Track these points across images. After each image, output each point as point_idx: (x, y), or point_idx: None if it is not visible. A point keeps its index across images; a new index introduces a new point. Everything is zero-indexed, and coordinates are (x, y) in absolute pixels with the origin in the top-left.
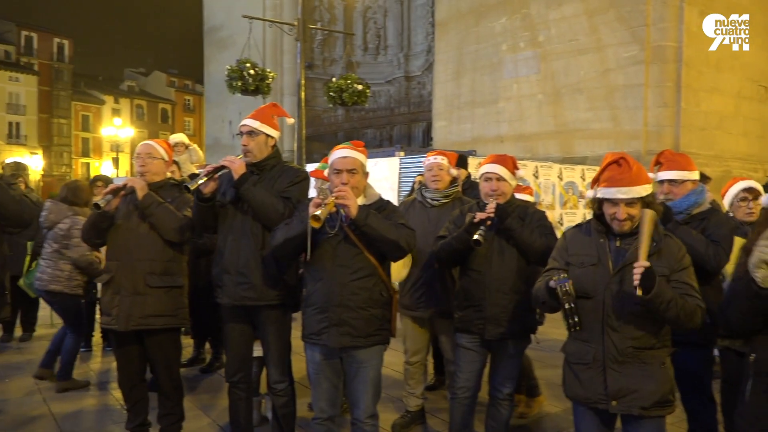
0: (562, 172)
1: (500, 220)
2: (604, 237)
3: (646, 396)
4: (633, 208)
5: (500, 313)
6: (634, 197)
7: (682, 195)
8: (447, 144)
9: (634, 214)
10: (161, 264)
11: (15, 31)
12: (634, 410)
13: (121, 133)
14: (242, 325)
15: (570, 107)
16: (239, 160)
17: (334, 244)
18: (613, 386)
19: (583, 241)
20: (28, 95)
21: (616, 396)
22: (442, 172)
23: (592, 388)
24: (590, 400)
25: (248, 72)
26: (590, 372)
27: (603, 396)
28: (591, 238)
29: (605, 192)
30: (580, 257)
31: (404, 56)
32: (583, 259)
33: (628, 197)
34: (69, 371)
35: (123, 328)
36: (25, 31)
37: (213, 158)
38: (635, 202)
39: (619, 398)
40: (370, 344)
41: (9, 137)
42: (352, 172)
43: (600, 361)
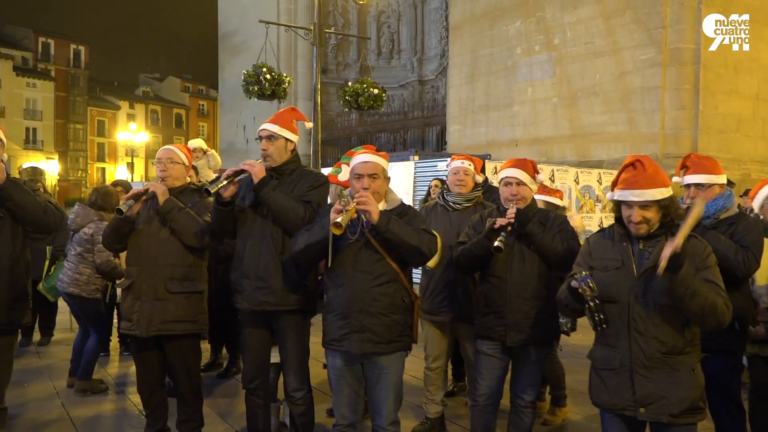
0: (579, 175)
1: (521, 226)
2: (627, 240)
3: (676, 403)
4: (648, 211)
5: (522, 320)
6: (648, 200)
7: (710, 199)
8: (461, 148)
9: (650, 217)
10: (182, 269)
11: (32, 37)
12: (663, 417)
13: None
14: (261, 330)
15: (586, 110)
16: (259, 164)
17: (355, 250)
18: (641, 392)
19: (606, 246)
20: (45, 101)
21: (644, 402)
22: (467, 177)
23: (619, 394)
24: (617, 407)
25: (265, 76)
26: (617, 378)
27: (631, 403)
28: (614, 242)
29: (620, 194)
30: (603, 261)
31: (418, 60)
32: (607, 263)
33: (642, 200)
34: (89, 372)
35: (144, 333)
36: (42, 38)
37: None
38: (650, 205)
39: (647, 405)
40: (391, 350)
41: (26, 142)
42: (374, 176)
43: (627, 367)
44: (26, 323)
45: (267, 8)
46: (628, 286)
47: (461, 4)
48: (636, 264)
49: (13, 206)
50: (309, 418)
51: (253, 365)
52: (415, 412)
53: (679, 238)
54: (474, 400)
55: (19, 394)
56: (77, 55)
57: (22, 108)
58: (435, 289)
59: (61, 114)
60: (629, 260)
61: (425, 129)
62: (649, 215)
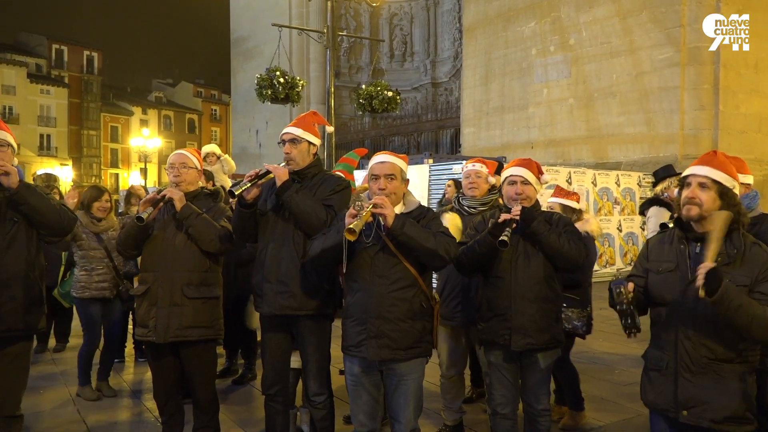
0: (596, 177)
1: (526, 224)
2: (685, 243)
3: (718, 409)
4: (704, 192)
5: (527, 323)
6: (708, 176)
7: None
8: (476, 150)
9: (705, 199)
10: (198, 275)
11: (46, 44)
12: (704, 422)
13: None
14: (281, 335)
15: (603, 111)
16: (282, 167)
17: (371, 254)
18: (683, 395)
19: (663, 248)
20: (59, 107)
21: (685, 405)
22: (479, 179)
23: (663, 395)
24: (660, 407)
25: (278, 80)
26: (663, 379)
27: (672, 404)
28: (672, 245)
29: (684, 174)
30: (658, 263)
31: (431, 62)
32: (662, 265)
33: (701, 174)
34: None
35: (161, 339)
36: (55, 45)
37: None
38: (708, 185)
39: (689, 408)
40: (410, 357)
41: (40, 149)
42: (391, 177)
43: (672, 369)
44: (41, 329)
45: (279, 12)
46: (680, 289)
47: (474, 5)
48: (691, 267)
49: (28, 210)
50: (329, 422)
51: (274, 370)
52: (435, 419)
53: (709, 255)
54: (492, 410)
55: (35, 400)
56: (90, 61)
57: (36, 114)
58: (450, 294)
59: (75, 120)
60: (684, 263)
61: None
62: (705, 197)
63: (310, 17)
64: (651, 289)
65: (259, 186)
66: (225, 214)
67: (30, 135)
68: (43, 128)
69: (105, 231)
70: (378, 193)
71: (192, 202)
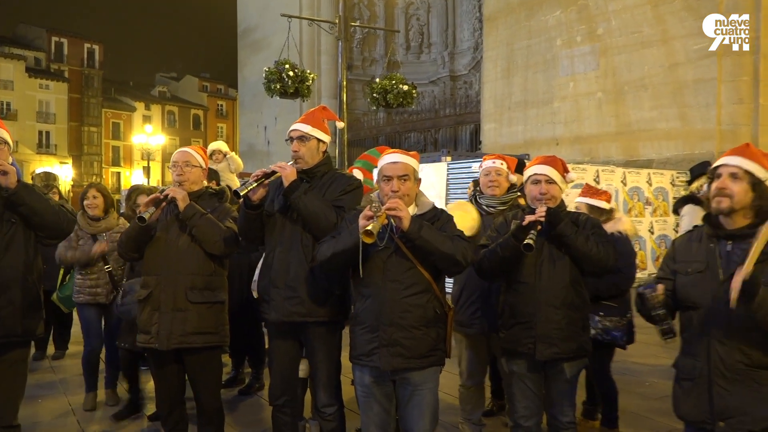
0: (626, 176)
1: (551, 226)
2: (715, 241)
3: (758, 419)
4: (736, 183)
5: (552, 330)
6: (741, 167)
7: None
8: (497, 147)
9: (736, 191)
10: (203, 278)
11: (45, 37)
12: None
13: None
14: (289, 343)
15: (633, 106)
16: (290, 166)
17: (384, 258)
18: (719, 405)
19: (691, 248)
20: (59, 103)
21: (722, 416)
22: (500, 177)
23: (697, 406)
24: (694, 420)
25: (287, 74)
26: (696, 389)
27: (708, 416)
28: (701, 243)
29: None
30: (687, 264)
31: (449, 54)
32: (691, 266)
33: (733, 164)
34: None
35: (164, 346)
36: (55, 37)
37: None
38: (739, 176)
39: (726, 419)
40: (424, 366)
41: (39, 147)
42: (404, 178)
43: (706, 377)
44: (40, 334)
45: (288, 2)
46: (712, 290)
47: None
48: (722, 267)
49: (27, 211)
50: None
51: (282, 380)
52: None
53: (749, 262)
54: (515, 423)
55: (33, 410)
56: (91, 54)
57: (35, 110)
58: (468, 299)
59: (75, 116)
60: (715, 262)
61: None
62: (736, 188)
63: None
64: (680, 291)
65: (265, 186)
66: (230, 214)
67: (28, 132)
68: (41, 125)
69: (103, 232)
70: (391, 196)
71: (196, 202)
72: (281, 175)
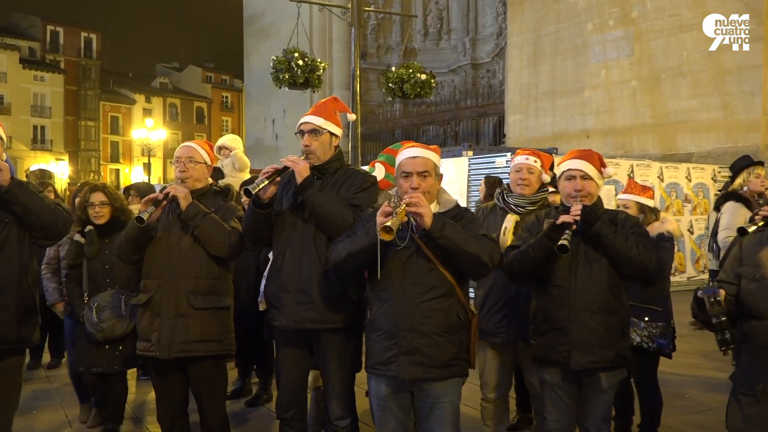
0: (663, 171)
1: (587, 225)
2: None
3: None
4: None
5: (589, 338)
6: None
7: None
8: (522, 141)
9: None
10: (206, 282)
11: (40, 26)
12: None
13: (153, 136)
14: (299, 351)
15: (671, 95)
16: (303, 161)
17: (403, 259)
18: None
19: (761, 251)
20: (54, 96)
21: None
22: (532, 176)
23: (758, 425)
24: None
25: (296, 62)
26: (758, 407)
27: None
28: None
29: None
30: (755, 269)
31: (470, 41)
32: (759, 271)
33: None
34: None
35: (165, 355)
36: (50, 26)
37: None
38: None
39: None
40: (446, 376)
41: (34, 142)
42: (424, 174)
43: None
44: (35, 342)
45: None
46: None
47: None
48: None
49: (21, 210)
50: None
51: (290, 392)
52: None
53: None
54: None
55: (28, 422)
56: (88, 44)
57: (29, 104)
58: (494, 306)
59: (72, 110)
60: None
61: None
62: None
63: None
64: (745, 298)
65: (276, 183)
66: (236, 213)
67: (22, 127)
68: (36, 119)
69: None
70: (410, 193)
71: (200, 200)
72: (293, 170)
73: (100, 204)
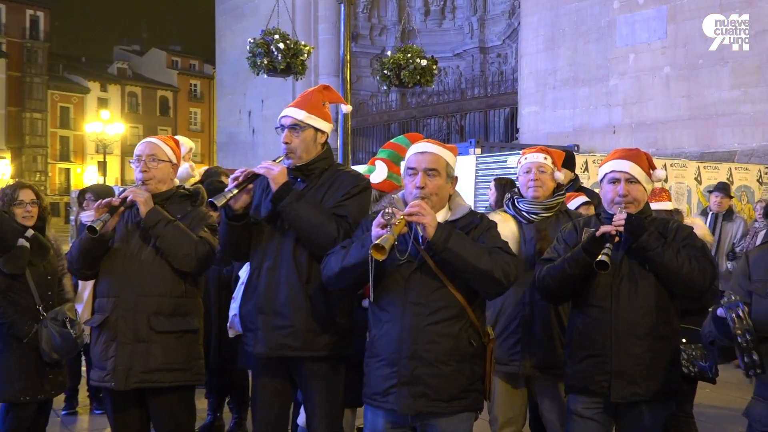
0: (701, 172)
1: (633, 237)
2: None
3: None
4: None
5: (632, 366)
6: None
7: None
8: (539, 137)
9: None
10: (171, 301)
11: None
12: None
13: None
14: (278, 381)
15: (710, 84)
16: (279, 167)
17: (406, 275)
18: None
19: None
20: None
21: None
22: (543, 175)
23: None
24: None
25: (277, 46)
26: None
27: None
28: None
29: None
30: (766, 284)
31: (478, 21)
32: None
33: None
34: None
35: (122, 386)
36: None
37: (227, 160)
38: None
39: None
40: (454, 411)
41: None
42: (432, 173)
43: None
44: None
45: None
46: None
47: None
48: None
49: None
50: None
51: (267, 427)
52: None
53: None
54: None
55: None
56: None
57: None
58: (506, 329)
59: (15, 100)
60: None
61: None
62: None
63: None
64: (757, 318)
65: (249, 191)
66: (206, 221)
67: None
68: None
69: None
70: (415, 194)
71: (164, 205)
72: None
73: (31, 202)
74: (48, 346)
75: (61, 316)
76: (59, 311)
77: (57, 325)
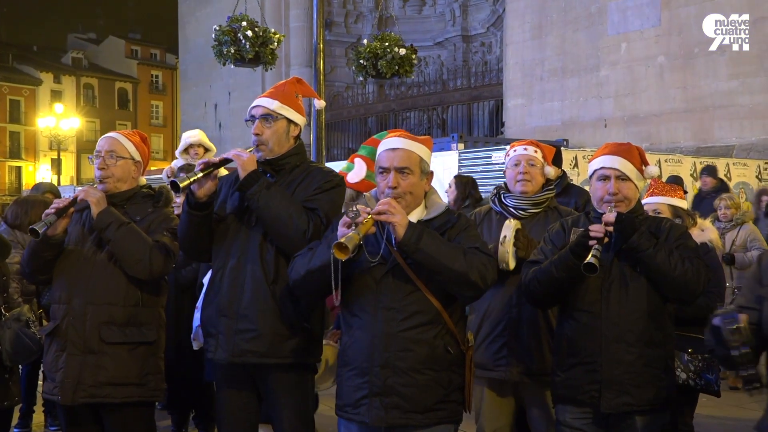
0: (697, 167)
1: (623, 237)
2: None
3: None
4: None
5: (623, 374)
6: None
7: None
8: (526, 131)
9: None
10: (124, 310)
11: None
12: None
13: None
14: (243, 393)
15: (706, 74)
16: (249, 153)
17: (377, 278)
18: None
19: None
20: None
21: None
22: (533, 168)
23: None
24: None
25: (244, 33)
26: None
27: None
28: None
29: None
30: None
31: (460, 7)
32: None
33: None
34: None
35: (68, 400)
36: None
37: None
38: None
39: None
40: (430, 423)
41: None
42: (404, 171)
43: None
44: None
45: None
46: None
47: None
48: None
49: None
50: None
51: None
52: None
53: None
54: None
55: None
56: None
57: None
58: (491, 332)
59: None
60: None
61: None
62: None
63: None
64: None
65: (215, 178)
66: (168, 224)
67: None
68: None
69: None
70: (387, 194)
71: (124, 206)
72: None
73: None
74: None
75: (23, 317)
76: (21, 312)
77: (22, 325)
